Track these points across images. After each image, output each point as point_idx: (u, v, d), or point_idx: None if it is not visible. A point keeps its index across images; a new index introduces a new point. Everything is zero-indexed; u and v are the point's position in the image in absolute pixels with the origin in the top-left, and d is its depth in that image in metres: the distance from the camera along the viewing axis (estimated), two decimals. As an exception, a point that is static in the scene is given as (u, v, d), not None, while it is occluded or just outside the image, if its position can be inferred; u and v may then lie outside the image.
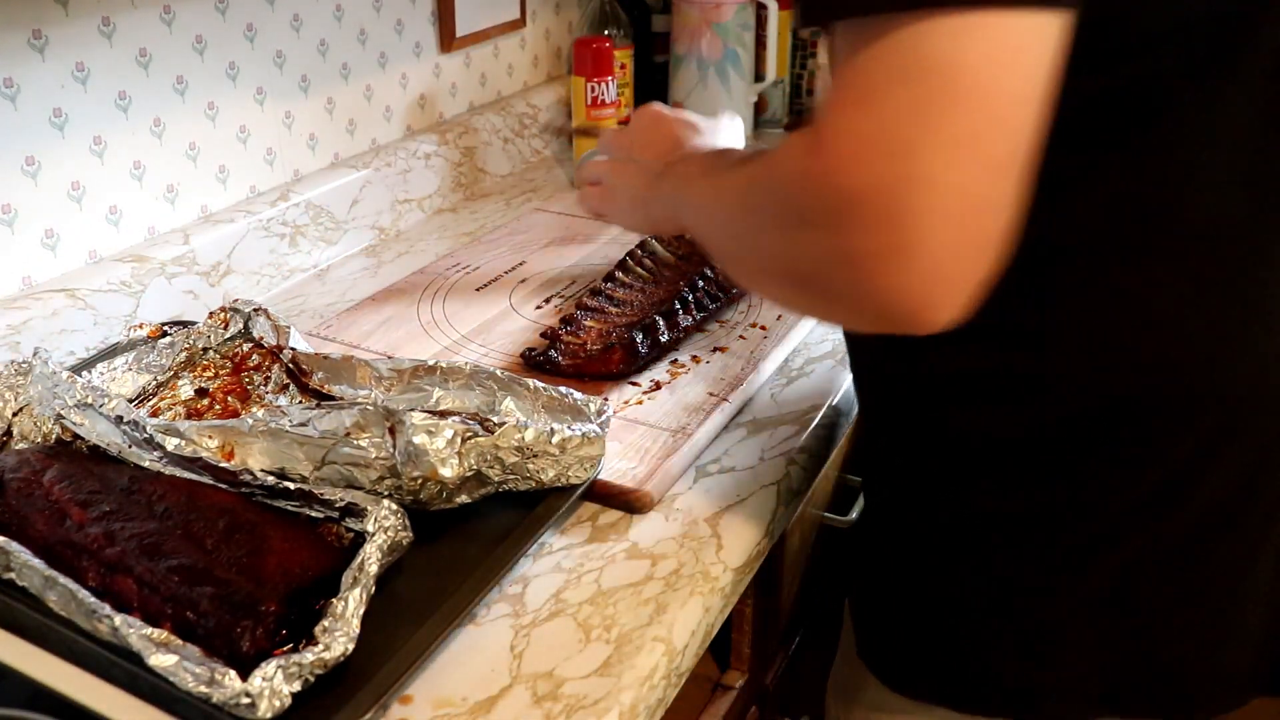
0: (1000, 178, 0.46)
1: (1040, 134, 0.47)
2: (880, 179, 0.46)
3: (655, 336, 0.87)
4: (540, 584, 0.66)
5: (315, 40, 1.11)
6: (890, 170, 0.45)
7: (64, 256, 0.91)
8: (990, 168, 0.46)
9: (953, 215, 0.45)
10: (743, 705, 0.87)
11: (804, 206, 0.49)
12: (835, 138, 0.47)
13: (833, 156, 0.47)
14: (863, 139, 0.46)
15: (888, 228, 0.46)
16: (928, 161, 0.45)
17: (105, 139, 0.92)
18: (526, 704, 0.57)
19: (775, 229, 0.53)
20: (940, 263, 0.46)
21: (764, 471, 0.77)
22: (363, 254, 1.16)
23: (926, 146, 0.45)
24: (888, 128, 0.46)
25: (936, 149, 0.45)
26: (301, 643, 0.56)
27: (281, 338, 0.84)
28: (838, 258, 0.49)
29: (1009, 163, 0.46)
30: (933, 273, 0.46)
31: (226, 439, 0.70)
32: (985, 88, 0.45)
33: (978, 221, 0.46)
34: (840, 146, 0.47)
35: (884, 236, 0.46)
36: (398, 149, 1.22)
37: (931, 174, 0.45)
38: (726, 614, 0.70)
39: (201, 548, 0.60)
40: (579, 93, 1.29)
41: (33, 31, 0.85)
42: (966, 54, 0.45)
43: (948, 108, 0.45)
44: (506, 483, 0.69)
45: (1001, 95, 0.45)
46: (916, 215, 0.45)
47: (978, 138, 0.45)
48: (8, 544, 0.60)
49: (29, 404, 0.74)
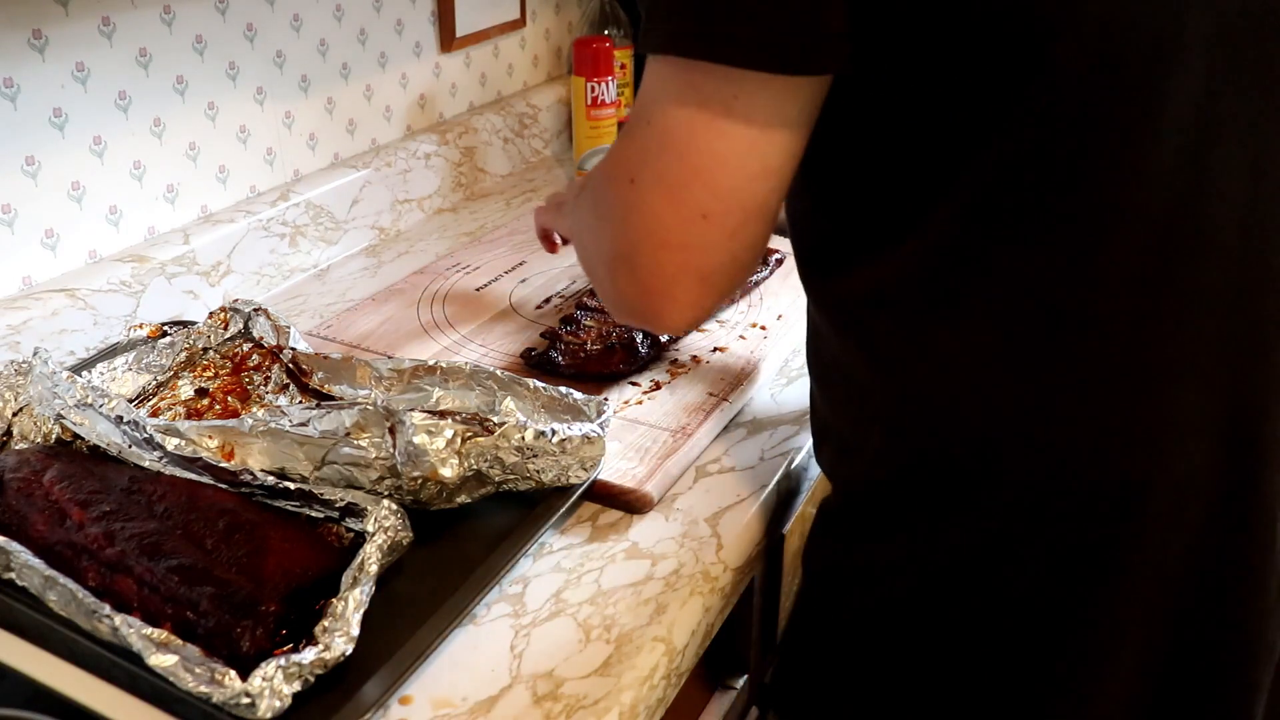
0: (706, 226, 0.52)
1: (776, 189, 0.53)
2: (618, 198, 0.55)
3: (655, 337, 0.87)
4: (540, 584, 0.66)
5: (315, 40, 1.11)
6: (622, 194, 0.55)
7: (64, 256, 0.91)
8: (691, 214, 0.52)
9: (658, 244, 0.54)
10: (743, 705, 0.87)
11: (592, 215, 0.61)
12: (609, 156, 0.57)
13: (601, 174, 0.58)
14: (614, 161, 0.56)
15: (620, 238, 0.55)
16: (644, 195, 0.53)
17: (105, 139, 0.92)
18: (526, 704, 0.57)
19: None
20: (651, 277, 0.55)
21: (764, 471, 0.77)
22: (363, 254, 1.16)
23: (642, 183, 0.53)
24: (628, 159, 0.55)
25: (650, 186, 0.53)
26: (301, 643, 0.56)
27: (281, 338, 0.84)
28: (600, 256, 0.59)
29: (717, 214, 0.52)
30: (645, 284, 0.55)
31: (226, 439, 0.70)
32: (684, 145, 0.51)
33: (683, 256, 0.54)
34: (605, 168, 0.57)
35: (617, 245, 0.56)
36: (398, 149, 1.22)
37: (646, 205, 0.53)
38: (726, 614, 0.70)
39: (201, 548, 0.60)
40: (579, 93, 1.29)
41: (33, 31, 0.85)
42: (676, 111, 0.51)
43: (659, 154, 0.53)
44: (506, 483, 0.69)
45: (701, 154, 0.51)
46: (632, 233, 0.54)
47: (682, 187, 0.52)
48: (8, 544, 0.60)
49: (29, 404, 0.74)
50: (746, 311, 0.96)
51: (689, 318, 0.57)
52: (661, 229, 0.53)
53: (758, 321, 0.95)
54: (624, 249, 0.55)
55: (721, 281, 0.55)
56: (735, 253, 0.54)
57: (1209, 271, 0.51)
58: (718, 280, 0.55)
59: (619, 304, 0.59)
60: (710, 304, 0.57)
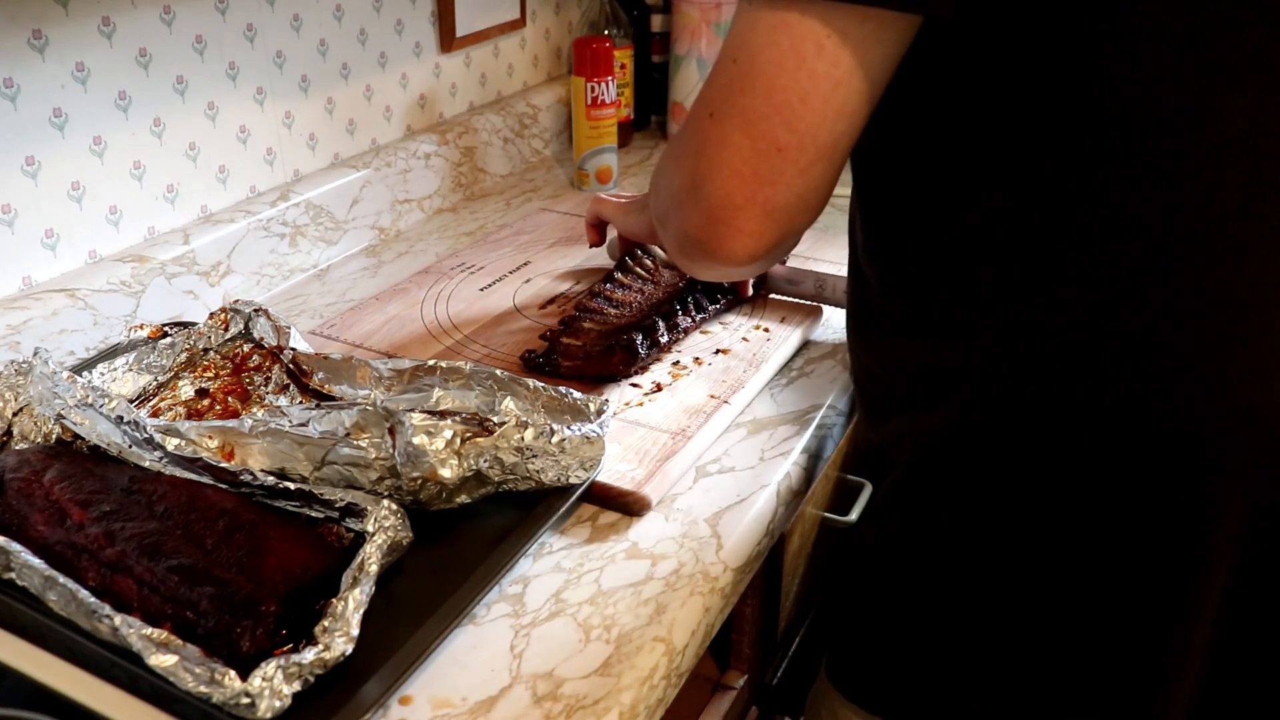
0: (780, 159, 0.55)
1: (847, 133, 0.56)
2: (695, 131, 0.58)
3: (655, 338, 0.87)
4: (540, 584, 0.66)
5: (315, 40, 1.11)
6: (700, 128, 0.57)
7: (64, 256, 0.91)
8: (769, 147, 0.55)
9: (730, 173, 0.56)
10: (743, 705, 0.87)
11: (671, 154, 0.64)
12: (699, 92, 0.59)
13: (688, 117, 0.60)
14: (696, 101, 0.59)
15: (692, 168, 0.58)
16: (723, 127, 0.56)
17: (105, 139, 0.92)
18: (526, 704, 0.57)
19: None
20: (718, 207, 0.57)
21: (764, 471, 0.77)
22: (363, 254, 1.16)
23: (721, 115, 0.56)
24: (710, 96, 0.57)
25: (728, 117, 0.56)
26: (301, 643, 0.56)
27: (282, 338, 0.84)
28: (670, 191, 0.62)
29: (792, 148, 0.55)
30: (711, 213, 0.58)
31: (226, 439, 0.70)
32: (771, 81, 0.54)
33: (753, 186, 0.56)
34: (693, 106, 0.59)
35: (689, 175, 0.58)
36: (398, 149, 1.22)
37: (723, 136, 0.56)
38: (726, 614, 0.70)
39: (201, 548, 0.60)
40: (579, 93, 1.29)
41: (33, 31, 0.85)
42: (766, 49, 0.54)
43: (744, 90, 0.55)
44: (506, 483, 0.69)
45: (786, 91, 0.54)
46: (704, 163, 0.57)
47: (762, 120, 0.55)
48: (8, 544, 0.60)
49: (29, 404, 0.74)
50: (750, 314, 0.96)
51: (751, 249, 0.58)
52: (736, 158, 0.56)
53: (761, 324, 0.95)
54: (694, 178, 0.58)
55: (785, 219, 0.57)
56: (802, 191, 0.56)
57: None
58: (781, 217, 0.57)
59: (683, 238, 0.61)
60: (772, 239, 0.58)
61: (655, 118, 1.59)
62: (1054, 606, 0.61)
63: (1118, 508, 0.57)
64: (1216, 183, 0.52)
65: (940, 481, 0.63)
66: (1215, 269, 0.53)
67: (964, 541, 0.62)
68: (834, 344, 0.94)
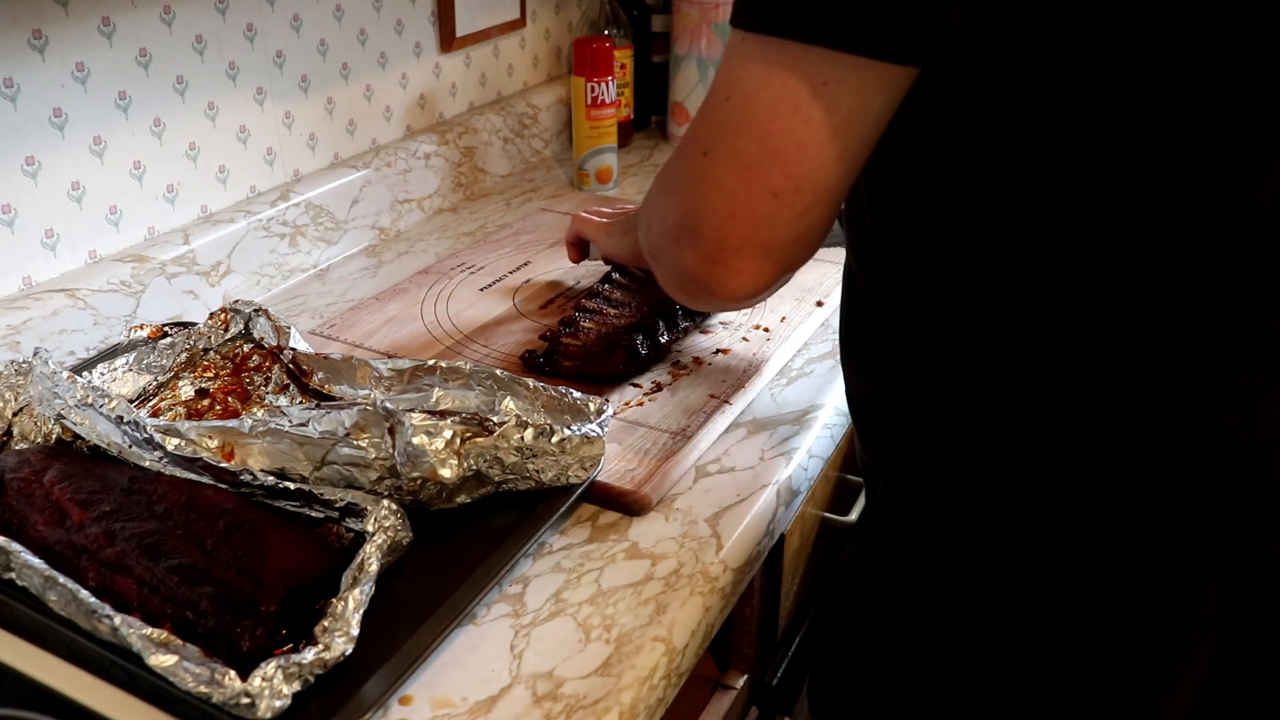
0: (776, 204, 0.54)
1: (846, 176, 0.54)
2: (689, 169, 0.56)
3: (655, 338, 0.87)
4: (540, 584, 0.66)
5: (315, 40, 1.11)
6: (694, 165, 0.56)
7: (64, 256, 0.91)
8: (762, 191, 0.53)
9: (726, 216, 0.55)
10: (743, 705, 0.87)
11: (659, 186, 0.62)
12: (691, 124, 0.58)
13: (676, 151, 0.59)
14: (688, 135, 0.57)
15: (687, 208, 0.56)
16: (717, 169, 0.54)
17: (105, 139, 0.92)
18: (526, 704, 0.57)
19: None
20: (715, 248, 0.56)
21: (764, 471, 0.77)
22: (363, 254, 1.16)
23: (716, 156, 0.54)
24: (703, 133, 0.55)
25: (722, 159, 0.54)
26: (301, 643, 0.56)
27: (282, 338, 0.84)
28: (664, 228, 0.60)
29: (789, 193, 0.53)
30: (708, 254, 0.56)
31: (226, 439, 0.70)
32: (765, 126, 0.52)
33: (751, 230, 0.55)
34: (680, 144, 0.58)
35: (684, 214, 0.57)
36: (398, 149, 1.22)
37: (718, 179, 0.54)
38: (726, 614, 0.70)
39: (201, 548, 0.60)
40: (579, 93, 1.29)
41: (33, 31, 0.85)
42: (760, 91, 0.52)
43: (738, 132, 0.53)
44: (506, 483, 0.69)
45: (781, 136, 0.52)
46: (700, 203, 0.56)
47: (758, 165, 0.53)
48: (8, 544, 0.60)
49: (29, 404, 0.74)
50: (750, 314, 0.96)
51: (750, 288, 0.57)
52: (731, 202, 0.54)
53: (761, 324, 0.95)
54: (690, 219, 0.56)
55: (784, 258, 0.56)
56: (800, 232, 0.55)
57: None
58: (781, 256, 0.56)
59: (680, 276, 0.60)
60: (772, 277, 0.57)
61: (655, 118, 1.59)
62: (1039, 646, 0.59)
63: (1104, 557, 0.56)
64: (1218, 249, 0.50)
65: (925, 514, 0.63)
66: (1213, 341, 0.51)
67: (943, 575, 0.62)
68: (834, 344, 0.94)
